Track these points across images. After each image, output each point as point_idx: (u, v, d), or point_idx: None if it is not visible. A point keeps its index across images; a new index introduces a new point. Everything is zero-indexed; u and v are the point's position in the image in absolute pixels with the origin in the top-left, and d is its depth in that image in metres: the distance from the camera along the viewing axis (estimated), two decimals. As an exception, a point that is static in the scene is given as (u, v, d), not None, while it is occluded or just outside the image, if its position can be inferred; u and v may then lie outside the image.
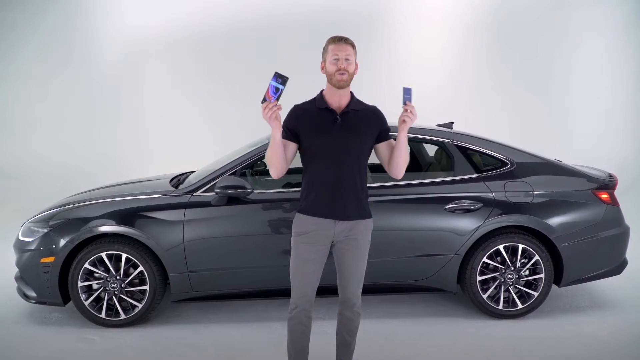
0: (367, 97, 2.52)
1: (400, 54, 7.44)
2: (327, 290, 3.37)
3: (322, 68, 2.34)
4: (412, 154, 4.05)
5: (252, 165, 3.72)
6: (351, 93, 2.39)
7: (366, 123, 2.35)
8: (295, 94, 7.48)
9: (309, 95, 2.48)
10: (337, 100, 2.33)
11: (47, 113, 7.48)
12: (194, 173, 3.86)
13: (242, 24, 7.46)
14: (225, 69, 7.53)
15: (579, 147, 7.19)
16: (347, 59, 2.27)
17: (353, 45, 2.32)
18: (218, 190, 3.20)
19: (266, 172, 4.26)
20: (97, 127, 7.53)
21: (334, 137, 2.29)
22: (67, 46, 7.44)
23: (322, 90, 2.41)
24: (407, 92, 2.23)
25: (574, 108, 7.58)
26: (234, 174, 3.36)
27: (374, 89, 7.02)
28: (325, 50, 2.33)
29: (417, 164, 3.99)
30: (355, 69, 2.34)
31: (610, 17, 7.46)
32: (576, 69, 7.55)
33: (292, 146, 2.35)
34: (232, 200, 3.27)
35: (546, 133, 7.43)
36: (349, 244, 2.34)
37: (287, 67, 7.24)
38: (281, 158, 2.28)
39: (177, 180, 3.80)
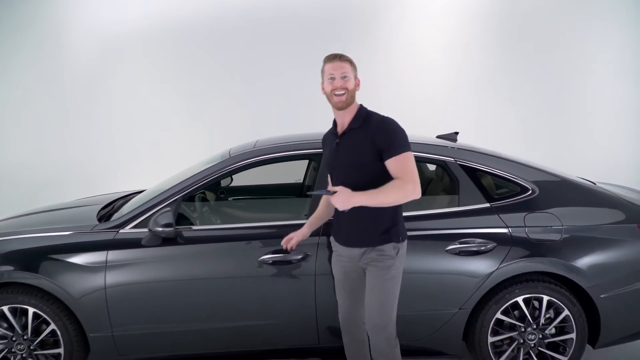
0: (362, 100, 2.25)
1: (399, 51, 6.64)
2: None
3: (323, 89, 2.25)
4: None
5: (205, 189, 2.98)
6: (359, 108, 2.23)
7: (363, 140, 2.14)
8: (286, 95, 6.67)
9: (294, 95, 2.05)
10: (341, 121, 2.25)
11: (13, 115, 6.83)
12: (136, 197, 3.11)
13: (229, 18, 6.76)
14: (209, 68, 6.81)
15: (601, 152, 6.39)
16: (344, 77, 2.16)
17: (350, 62, 2.21)
18: (150, 229, 2.47)
19: (227, 195, 3.50)
20: (68, 130, 6.87)
21: (334, 161, 2.26)
22: (35, 42, 6.74)
23: None
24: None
25: (595, 109, 6.72)
26: (180, 201, 2.62)
27: (370, 91, 6.32)
28: (322, 70, 2.24)
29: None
30: (357, 85, 2.23)
31: (634, 6, 6.64)
32: (598, 65, 6.69)
33: None
34: (170, 239, 2.53)
35: (565, 138, 6.58)
36: (368, 272, 2.22)
37: (278, 63, 6.66)
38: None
39: (111, 208, 3.05)
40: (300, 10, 6.68)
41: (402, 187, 2.03)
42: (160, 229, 2.45)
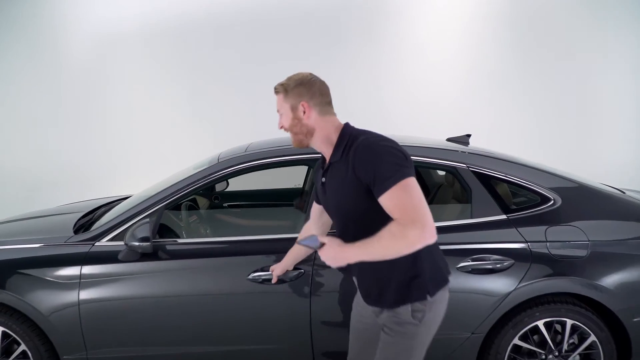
0: (365, 102, 1.84)
1: (405, 50, 6.36)
2: None
3: None
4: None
5: (195, 195, 2.74)
6: (342, 132, 1.68)
7: (347, 176, 1.60)
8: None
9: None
10: (324, 154, 1.76)
11: (9, 115, 6.67)
12: (119, 205, 2.88)
13: (229, 17, 6.54)
14: (211, 66, 6.60)
15: (627, 156, 6.04)
16: (280, 114, 1.74)
17: (280, 91, 1.73)
18: (127, 243, 2.24)
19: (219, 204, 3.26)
20: (65, 130, 6.70)
21: (325, 204, 1.82)
22: (30, 42, 6.58)
23: None
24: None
25: (616, 110, 6.37)
26: (162, 211, 2.37)
27: (374, 93, 6.06)
28: None
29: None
30: (305, 113, 1.68)
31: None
32: (615, 64, 6.33)
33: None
34: (149, 253, 2.29)
35: (585, 139, 6.23)
36: (382, 333, 1.70)
37: (277, 61, 6.43)
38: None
39: (92, 217, 2.82)
40: (304, 9, 6.45)
41: (402, 234, 1.41)
42: (137, 243, 2.21)
